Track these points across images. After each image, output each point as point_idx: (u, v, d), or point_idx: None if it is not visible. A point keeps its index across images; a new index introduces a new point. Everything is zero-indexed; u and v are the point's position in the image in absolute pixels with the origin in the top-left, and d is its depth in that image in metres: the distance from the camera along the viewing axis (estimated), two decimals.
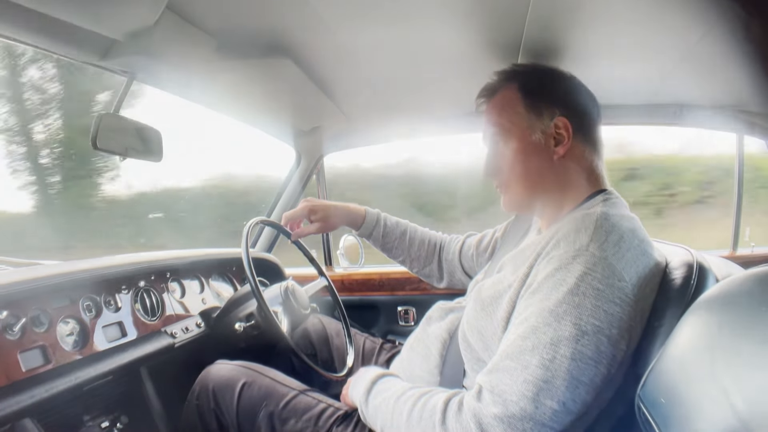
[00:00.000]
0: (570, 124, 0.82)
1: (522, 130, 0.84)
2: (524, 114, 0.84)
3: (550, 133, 0.82)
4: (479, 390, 0.68)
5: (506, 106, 0.87)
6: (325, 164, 1.90)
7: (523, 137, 0.84)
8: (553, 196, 0.84)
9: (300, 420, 0.89)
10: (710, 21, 0.86)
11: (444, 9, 0.88)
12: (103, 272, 1.06)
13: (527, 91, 0.85)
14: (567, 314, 0.65)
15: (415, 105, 1.50)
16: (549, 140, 0.82)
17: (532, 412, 0.63)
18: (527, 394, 0.64)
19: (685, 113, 1.42)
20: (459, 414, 0.68)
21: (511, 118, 0.85)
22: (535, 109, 0.84)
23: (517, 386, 0.65)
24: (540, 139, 0.83)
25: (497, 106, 0.88)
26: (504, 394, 0.65)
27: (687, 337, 0.57)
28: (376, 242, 1.23)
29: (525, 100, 0.85)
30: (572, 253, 0.69)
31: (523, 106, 0.84)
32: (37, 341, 0.89)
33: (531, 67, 0.92)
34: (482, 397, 0.67)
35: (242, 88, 1.29)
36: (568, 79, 0.88)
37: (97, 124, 0.98)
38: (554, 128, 0.82)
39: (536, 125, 0.83)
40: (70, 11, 0.79)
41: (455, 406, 0.69)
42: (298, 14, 0.91)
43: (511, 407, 0.64)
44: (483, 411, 0.65)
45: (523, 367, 0.65)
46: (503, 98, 0.88)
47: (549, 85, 0.87)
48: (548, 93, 0.85)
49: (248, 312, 1.17)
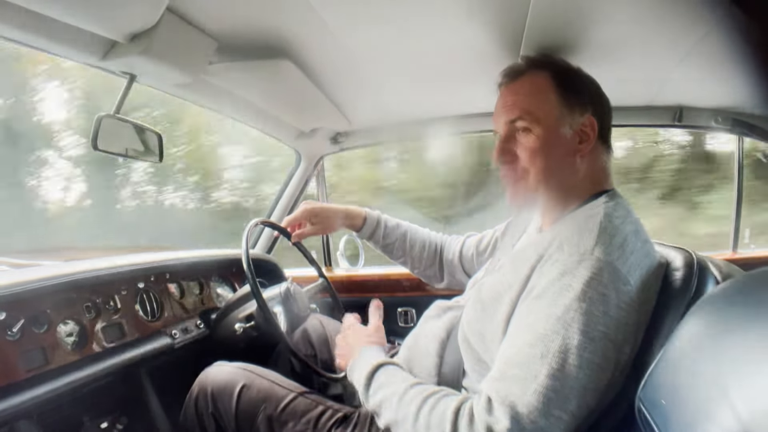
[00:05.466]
0: (596, 125, 0.81)
1: (552, 119, 0.81)
2: (556, 104, 0.81)
3: (577, 130, 0.81)
4: (489, 401, 0.67)
5: (537, 92, 0.82)
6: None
7: (551, 127, 0.80)
8: (560, 194, 0.83)
9: (299, 422, 0.89)
10: (710, 23, 0.86)
11: (444, 10, 0.88)
12: (102, 273, 1.06)
13: (561, 81, 0.82)
14: (574, 321, 0.65)
15: (414, 106, 1.50)
16: (575, 137, 0.81)
17: (543, 425, 0.63)
18: (538, 407, 0.63)
19: (684, 115, 1.42)
20: (471, 426, 0.66)
21: (541, 105, 0.81)
22: (568, 102, 0.81)
23: (527, 398, 0.64)
24: (567, 133, 0.81)
25: (526, 89, 0.83)
26: (515, 407, 0.64)
27: (687, 339, 0.57)
28: (377, 244, 1.23)
29: (558, 90, 0.81)
30: (577, 257, 0.68)
31: (556, 96, 0.81)
32: (36, 342, 0.89)
33: (561, 59, 0.89)
34: (493, 409, 0.66)
35: (242, 89, 1.29)
36: (593, 80, 0.87)
37: (97, 125, 0.98)
38: (582, 126, 0.81)
39: (566, 119, 0.81)
40: (71, 13, 0.79)
41: (466, 417, 0.67)
42: (299, 15, 0.91)
43: (522, 421, 0.63)
44: (496, 426, 0.64)
45: (532, 377, 0.65)
46: (533, 83, 0.83)
47: (581, 82, 0.85)
48: (582, 90, 0.83)
49: (248, 313, 1.17)
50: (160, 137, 1.14)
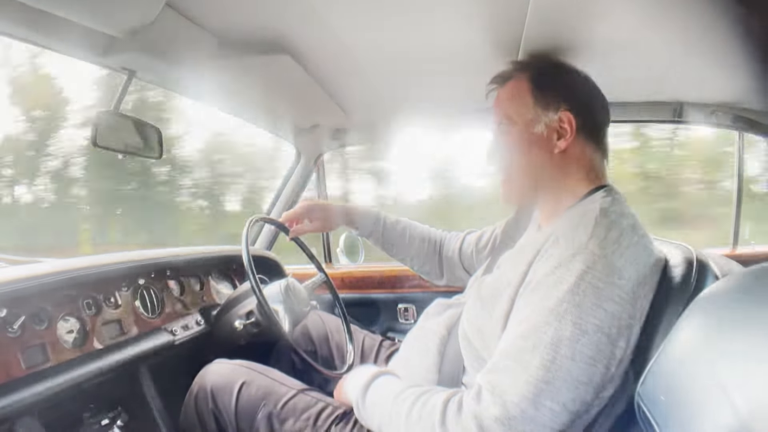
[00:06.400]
0: (574, 120, 0.81)
1: (526, 121, 0.84)
2: (531, 105, 0.84)
3: (553, 127, 0.82)
4: (479, 390, 0.68)
5: (515, 95, 0.86)
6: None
7: (526, 128, 0.84)
8: (552, 191, 0.84)
9: (299, 419, 0.89)
10: (710, 18, 0.85)
11: (444, 6, 0.88)
12: (103, 270, 1.06)
13: (537, 82, 0.85)
14: (567, 313, 0.65)
15: (414, 102, 1.49)
16: (552, 134, 0.82)
17: (533, 414, 0.63)
18: (528, 396, 0.64)
19: (685, 111, 1.41)
20: (459, 415, 0.67)
21: (517, 108, 0.85)
22: (543, 101, 0.83)
23: (517, 387, 0.65)
24: (542, 131, 0.83)
25: (506, 94, 0.88)
26: (504, 395, 0.65)
27: (687, 335, 0.57)
28: (377, 241, 1.23)
29: (534, 91, 0.84)
30: (572, 251, 0.69)
31: (532, 97, 0.84)
32: (37, 339, 0.89)
33: (545, 59, 0.92)
34: (482, 398, 0.67)
35: (242, 85, 1.28)
36: (579, 75, 0.87)
37: (97, 121, 0.97)
38: (558, 122, 0.82)
39: (541, 117, 0.83)
40: (70, 8, 0.79)
41: (455, 406, 0.69)
42: (298, 10, 0.90)
43: (511, 409, 0.64)
44: (483, 413, 0.65)
45: (523, 367, 0.65)
46: (513, 87, 0.87)
47: (559, 78, 0.86)
48: (557, 86, 0.84)
49: (248, 309, 1.17)
50: (160, 133, 1.13)
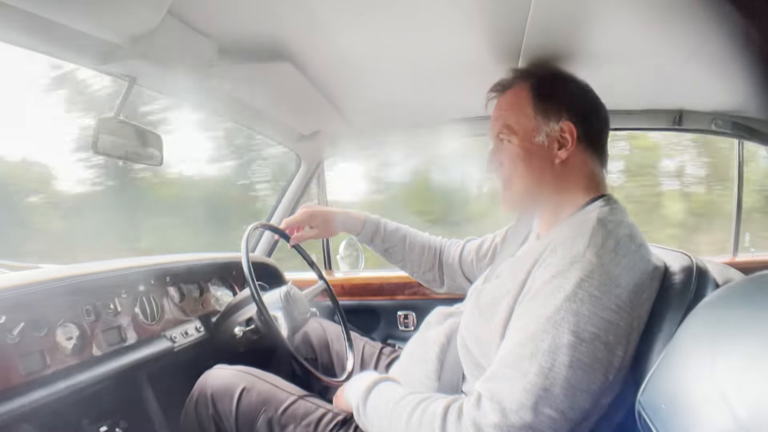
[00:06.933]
0: (575, 130, 0.82)
1: (527, 130, 0.84)
2: (532, 115, 0.84)
3: (554, 137, 0.83)
4: (478, 398, 0.68)
5: (516, 104, 0.87)
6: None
7: (527, 137, 0.84)
8: (552, 199, 0.85)
9: (299, 425, 0.89)
10: (710, 26, 0.86)
11: (444, 14, 0.89)
12: (102, 276, 1.06)
13: (538, 92, 0.85)
14: (564, 321, 0.66)
15: (415, 110, 1.50)
16: (553, 143, 0.83)
17: (531, 421, 0.64)
18: (526, 403, 0.64)
19: (684, 118, 1.42)
20: (459, 422, 0.68)
21: (518, 117, 0.85)
22: (543, 111, 0.84)
23: (516, 395, 0.65)
24: (543, 141, 0.83)
25: (507, 103, 0.88)
26: (503, 403, 0.65)
27: (687, 343, 0.57)
28: (377, 248, 1.22)
29: (535, 100, 0.85)
30: (569, 260, 0.69)
31: (532, 107, 0.84)
32: (36, 345, 0.89)
33: (547, 68, 0.93)
34: (481, 405, 0.67)
35: (243, 93, 1.29)
36: (580, 84, 0.88)
37: (97, 128, 0.98)
38: (559, 132, 0.82)
39: (542, 127, 0.83)
40: (72, 16, 0.79)
41: (455, 413, 0.69)
42: (299, 18, 0.91)
43: (510, 416, 0.64)
44: (483, 420, 0.65)
45: (521, 375, 0.66)
46: (514, 96, 0.88)
47: (561, 88, 0.87)
48: (558, 96, 0.85)
49: (248, 316, 1.17)
50: (161, 139, 1.13)
